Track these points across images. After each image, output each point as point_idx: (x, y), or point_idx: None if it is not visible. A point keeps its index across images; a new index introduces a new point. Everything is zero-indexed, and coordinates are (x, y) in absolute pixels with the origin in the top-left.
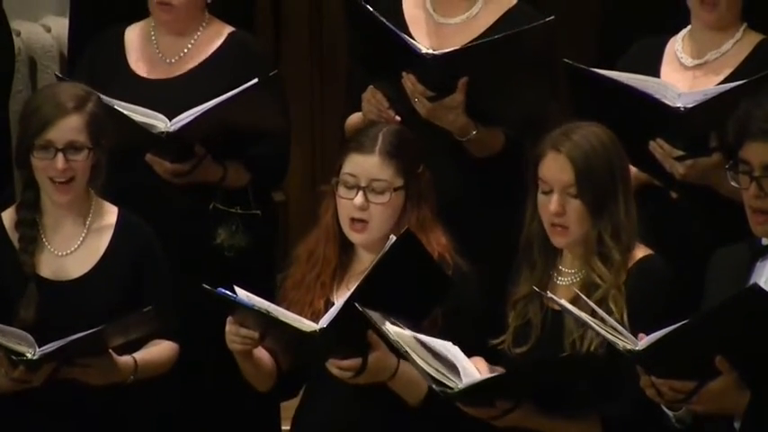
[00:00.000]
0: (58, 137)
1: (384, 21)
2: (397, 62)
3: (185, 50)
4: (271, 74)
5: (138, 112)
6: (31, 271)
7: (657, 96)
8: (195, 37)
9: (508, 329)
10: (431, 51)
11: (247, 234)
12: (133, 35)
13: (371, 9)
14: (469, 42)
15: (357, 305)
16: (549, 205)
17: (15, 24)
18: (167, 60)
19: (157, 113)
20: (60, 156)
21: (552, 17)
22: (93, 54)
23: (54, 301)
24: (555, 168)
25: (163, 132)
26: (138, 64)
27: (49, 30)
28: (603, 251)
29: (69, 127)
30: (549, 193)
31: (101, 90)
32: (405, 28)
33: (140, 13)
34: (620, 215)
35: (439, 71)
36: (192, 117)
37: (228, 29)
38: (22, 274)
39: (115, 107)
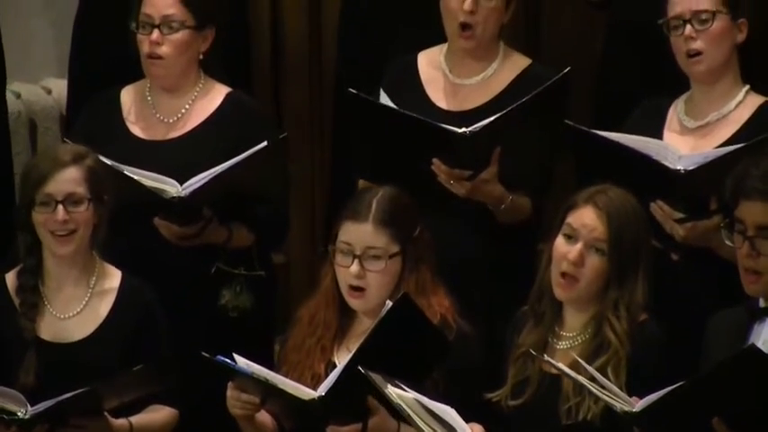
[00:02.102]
0: (56, 189)
1: (413, 114)
2: (424, 151)
3: (183, 111)
4: (281, 136)
5: (148, 177)
6: (32, 336)
7: (658, 158)
8: (192, 97)
9: (506, 384)
10: (468, 129)
11: (252, 295)
12: (129, 97)
13: (395, 106)
14: (492, 104)
15: (360, 368)
16: (569, 253)
17: (15, 86)
18: (165, 121)
19: (167, 178)
20: (60, 208)
21: (569, 68)
22: (89, 116)
23: (54, 363)
24: (589, 220)
25: (175, 197)
26: (136, 125)
27: (49, 91)
28: (618, 316)
29: (67, 179)
30: (572, 240)
31: (99, 152)
32: (420, 88)
33: (138, 74)
34: (637, 291)
35: (476, 146)
36: (203, 181)
37: (226, 89)
38: (22, 337)
39: (125, 172)
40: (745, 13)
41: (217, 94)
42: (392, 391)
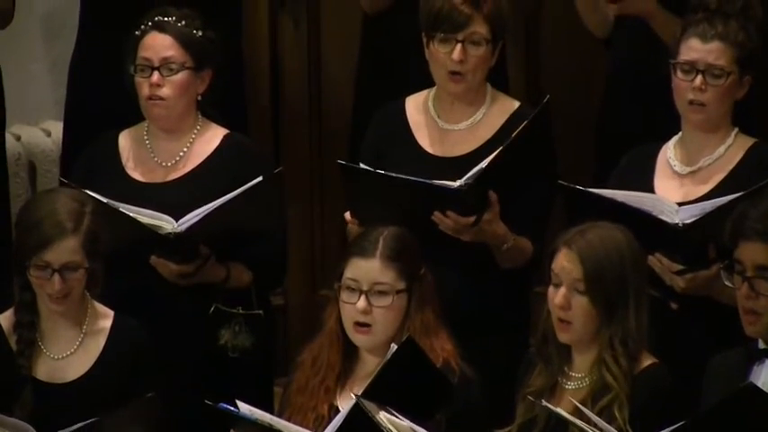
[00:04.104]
0: (54, 258)
1: (406, 177)
2: (421, 206)
3: (181, 154)
4: (276, 171)
5: (144, 214)
6: (28, 374)
7: (654, 213)
8: (190, 140)
9: (514, 423)
10: (462, 182)
11: (251, 334)
12: (126, 141)
13: (389, 173)
14: (481, 149)
15: (353, 394)
16: (555, 298)
17: (15, 128)
18: (163, 164)
19: (163, 215)
20: (57, 276)
21: (548, 96)
22: (88, 160)
23: (49, 403)
24: (565, 263)
25: (171, 233)
26: (135, 169)
27: (48, 134)
28: (614, 354)
29: (66, 249)
30: (558, 286)
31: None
32: (409, 134)
33: (135, 117)
34: (630, 322)
35: (474, 194)
36: (199, 217)
37: (223, 131)
38: (18, 376)
39: (121, 209)
40: (752, 71)
41: (214, 136)
42: (383, 418)
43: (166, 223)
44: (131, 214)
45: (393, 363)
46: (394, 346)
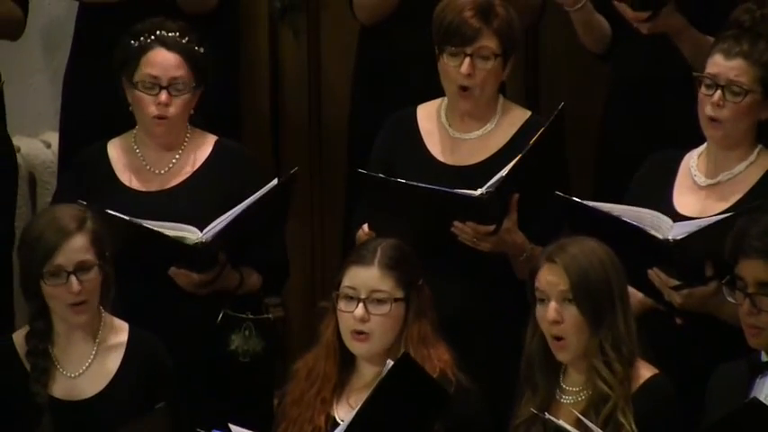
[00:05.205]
0: (66, 260)
1: (426, 185)
2: (439, 215)
3: (173, 161)
4: (291, 171)
5: (167, 227)
6: (45, 401)
7: (647, 229)
8: (181, 147)
9: None
10: (485, 190)
11: (261, 338)
12: (116, 151)
13: (410, 181)
14: (492, 159)
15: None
16: (547, 314)
17: (15, 140)
18: (156, 172)
19: (186, 225)
20: (73, 278)
21: (563, 103)
22: (79, 171)
23: (68, 421)
24: (550, 277)
25: (198, 243)
26: (131, 179)
27: (48, 145)
28: (606, 360)
29: (76, 248)
30: (545, 302)
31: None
32: (420, 142)
33: (130, 126)
34: (619, 327)
35: (495, 202)
36: (223, 224)
37: (213, 137)
38: (35, 401)
39: (144, 225)
40: None
41: (205, 143)
42: None
43: (191, 234)
44: (156, 228)
45: (389, 379)
46: (390, 362)
